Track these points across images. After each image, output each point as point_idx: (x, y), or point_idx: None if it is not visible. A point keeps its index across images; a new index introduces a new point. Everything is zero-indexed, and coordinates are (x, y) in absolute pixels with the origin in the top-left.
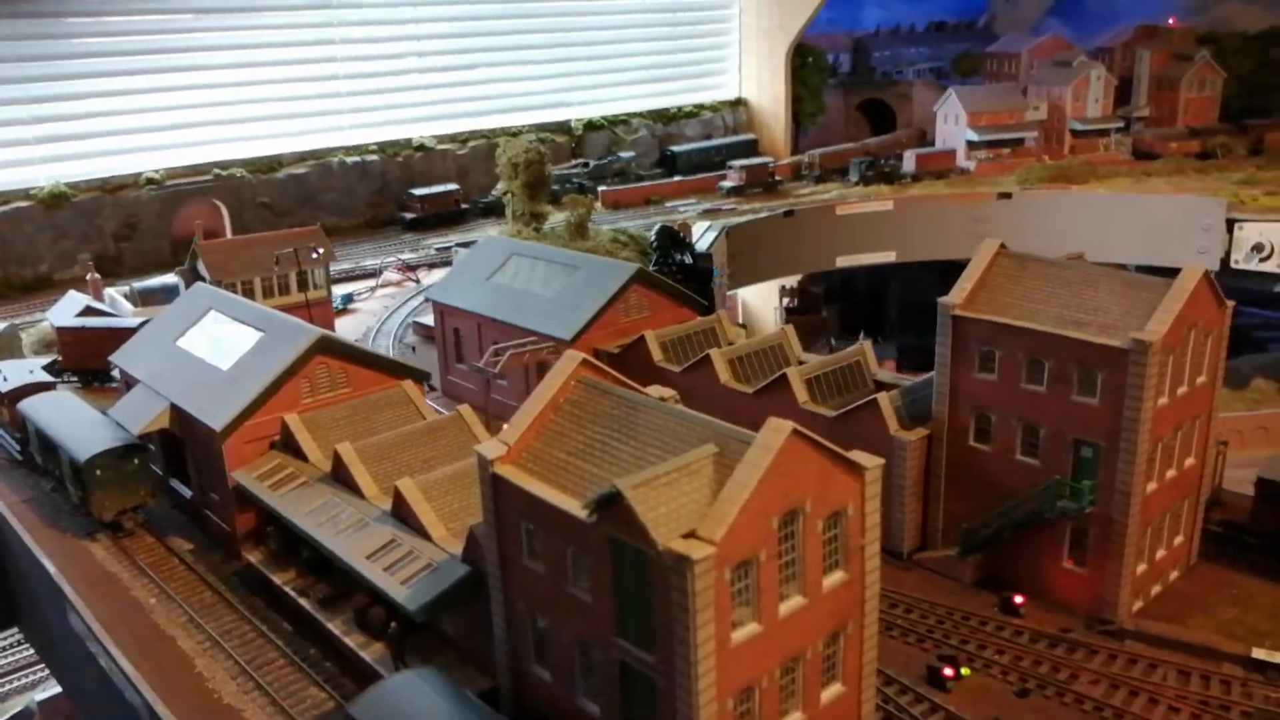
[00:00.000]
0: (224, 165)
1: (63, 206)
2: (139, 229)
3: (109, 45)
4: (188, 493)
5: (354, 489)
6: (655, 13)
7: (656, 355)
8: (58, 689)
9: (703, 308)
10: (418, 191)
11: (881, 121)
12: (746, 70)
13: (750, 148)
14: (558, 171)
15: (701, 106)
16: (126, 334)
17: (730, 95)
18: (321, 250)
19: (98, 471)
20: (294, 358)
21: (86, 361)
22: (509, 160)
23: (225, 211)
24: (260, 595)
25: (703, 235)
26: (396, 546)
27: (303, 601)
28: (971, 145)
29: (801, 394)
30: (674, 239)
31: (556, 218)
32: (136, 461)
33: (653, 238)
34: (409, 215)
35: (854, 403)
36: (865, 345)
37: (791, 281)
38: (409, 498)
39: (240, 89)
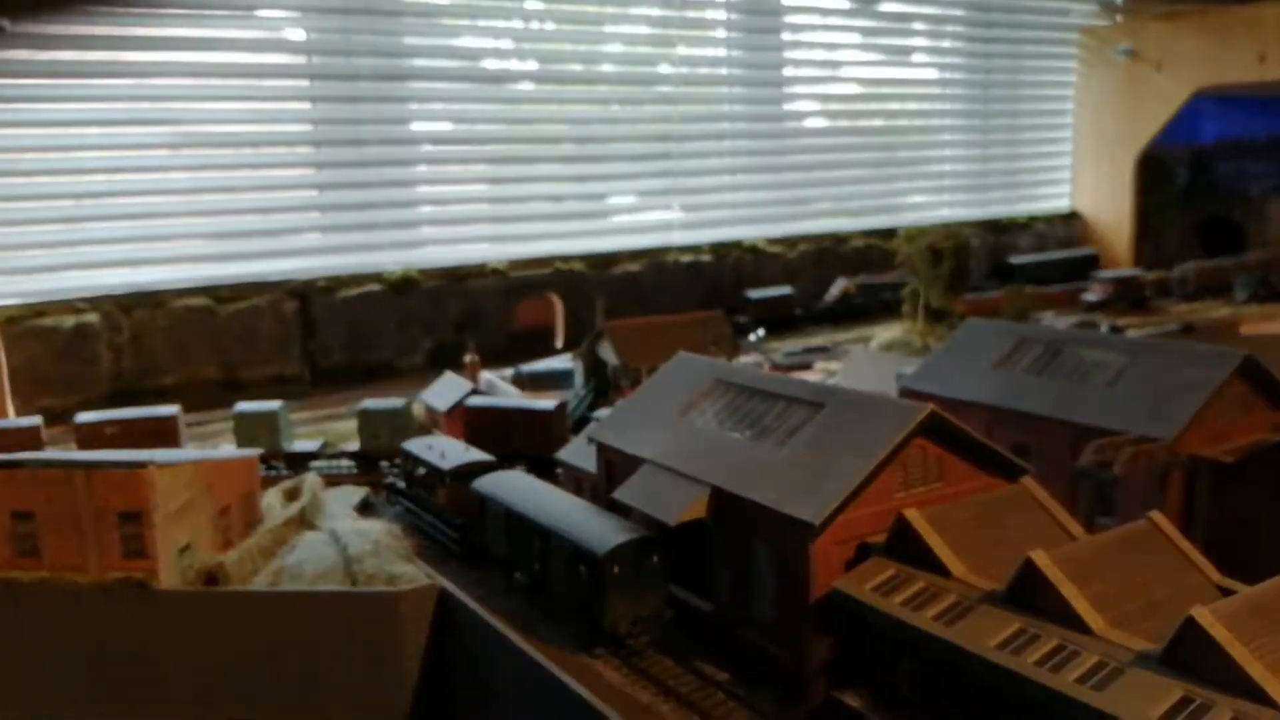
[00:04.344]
0: (565, 259)
1: (411, 293)
2: (481, 320)
3: (459, 133)
4: (705, 605)
5: (1061, 617)
6: (985, 119)
7: None
8: None
9: None
10: (753, 294)
11: (1220, 241)
12: (1082, 181)
13: (1092, 263)
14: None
15: (1034, 218)
16: (543, 416)
17: (1062, 207)
18: (723, 337)
19: (615, 569)
20: (901, 436)
21: (495, 446)
22: (927, 246)
23: (560, 306)
24: None
25: None
26: (1203, 707)
27: None
28: None
29: None
30: None
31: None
32: (655, 560)
33: None
34: (742, 319)
35: None
36: None
37: None
38: (1215, 634)
39: (582, 184)
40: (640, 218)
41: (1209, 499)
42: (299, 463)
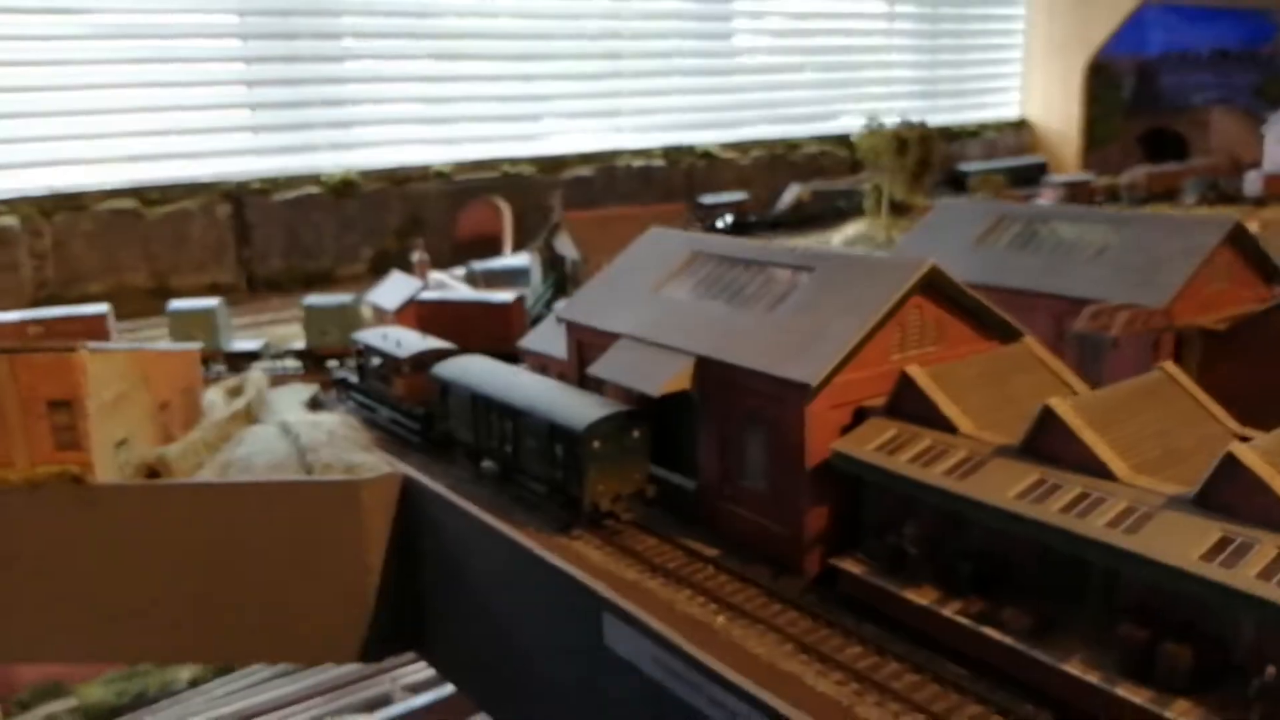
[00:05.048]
0: (512, 162)
1: (351, 196)
2: (425, 226)
3: (398, 26)
4: (687, 482)
5: (1083, 466)
6: (933, 23)
7: None
8: None
9: None
10: (706, 200)
11: (1162, 150)
12: (1031, 89)
13: (1040, 170)
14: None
15: (984, 126)
16: (501, 310)
17: (1011, 115)
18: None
19: (595, 444)
20: (900, 293)
21: (450, 341)
22: (892, 136)
23: (508, 212)
24: (866, 618)
25: None
26: (1245, 546)
27: (990, 632)
28: None
29: None
30: None
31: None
32: (636, 435)
33: None
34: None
35: None
36: None
37: None
38: (1258, 471)
39: (528, 83)
40: (590, 122)
41: (1198, 367)
42: (240, 362)
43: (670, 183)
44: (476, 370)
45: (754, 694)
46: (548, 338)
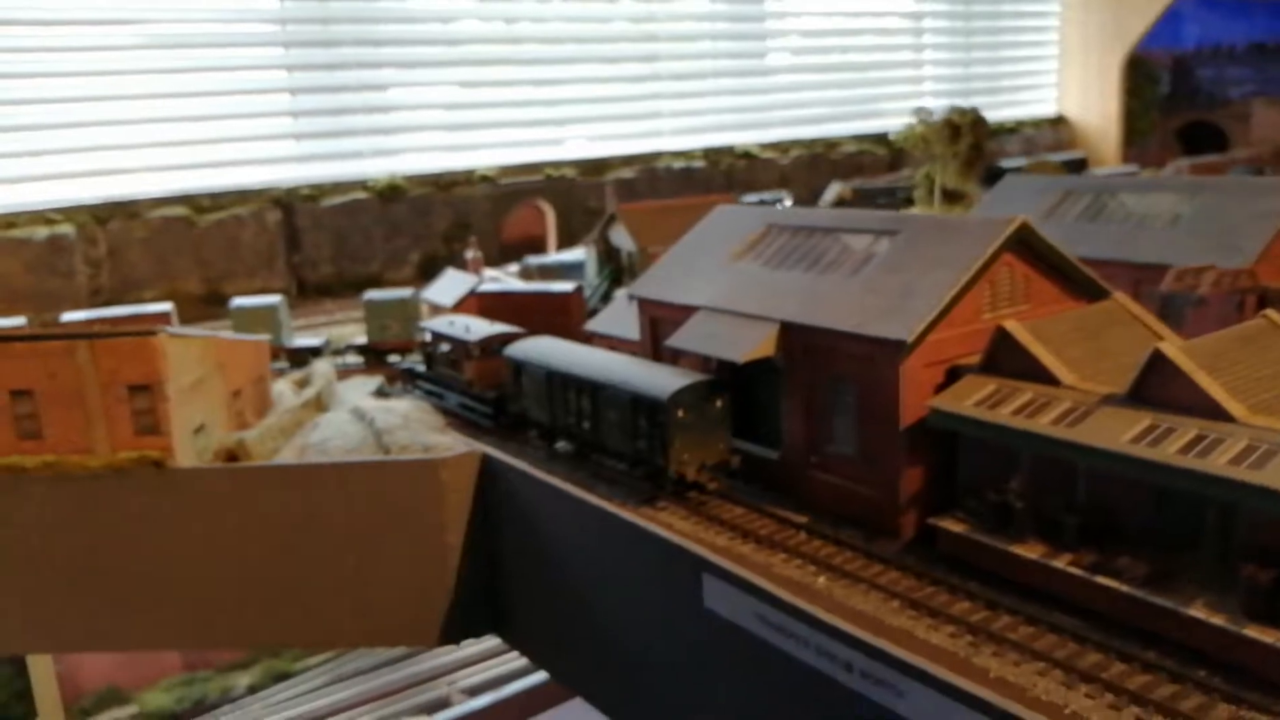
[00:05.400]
0: (555, 165)
1: (398, 201)
2: (471, 230)
3: (436, 33)
4: (771, 453)
5: (1197, 409)
6: (966, 20)
7: None
8: None
9: None
10: (748, 200)
11: (1200, 144)
12: (1069, 84)
13: (1082, 165)
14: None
15: (1021, 123)
16: (562, 299)
17: (1048, 111)
18: None
19: (679, 413)
20: (991, 249)
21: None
22: (945, 121)
23: (551, 214)
24: (970, 577)
25: None
26: None
27: (1106, 581)
28: None
29: None
30: None
31: None
32: (719, 405)
33: None
34: None
35: None
36: None
37: None
38: None
39: (569, 87)
40: (631, 125)
41: None
42: (303, 357)
43: (711, 183)
44: (551, 349)
45: (868, 641)
46: (615, 320)
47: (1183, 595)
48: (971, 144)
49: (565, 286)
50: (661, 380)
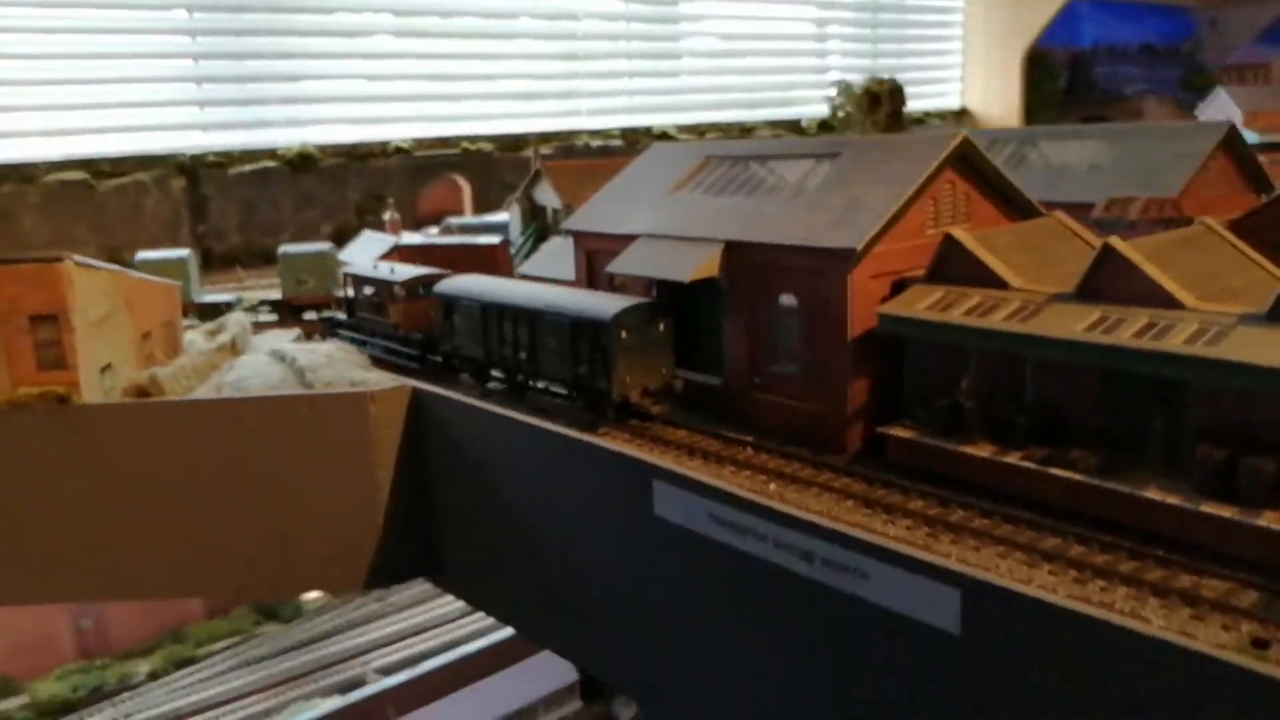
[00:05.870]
0: (472, 139)
1: (309, 171)
2: (385, 203)
3: (360, 2)
4: (713, 379)
5: (1146, 299)
6: (874, 12)
7: None
8: (311, 713)
9: None
10: None
11: None
12: (972, 79)
13: None
14: None
15: (928, 114)
16: (489, 251)
17: (953, 105)
18: None
19: (623, 335)
20: (934, 164)
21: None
22: (864, 90)
23: (468, 189)
24: (920, 481)
25: None
26: None
27: (1059, 472)
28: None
29: None
30: None
31: None
32: (661, 329)
33: None
34: None
35: None
36: None
37: None
38: None
39: (485, 62)
40: (550, 104)
41: None
42: (214, 313)
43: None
44: (483, 284)
45: (830, 526)
46: (546, 264)
47: (1137, 481)
48: (890, 112)
49: (491, 238)
50: (603, 303)
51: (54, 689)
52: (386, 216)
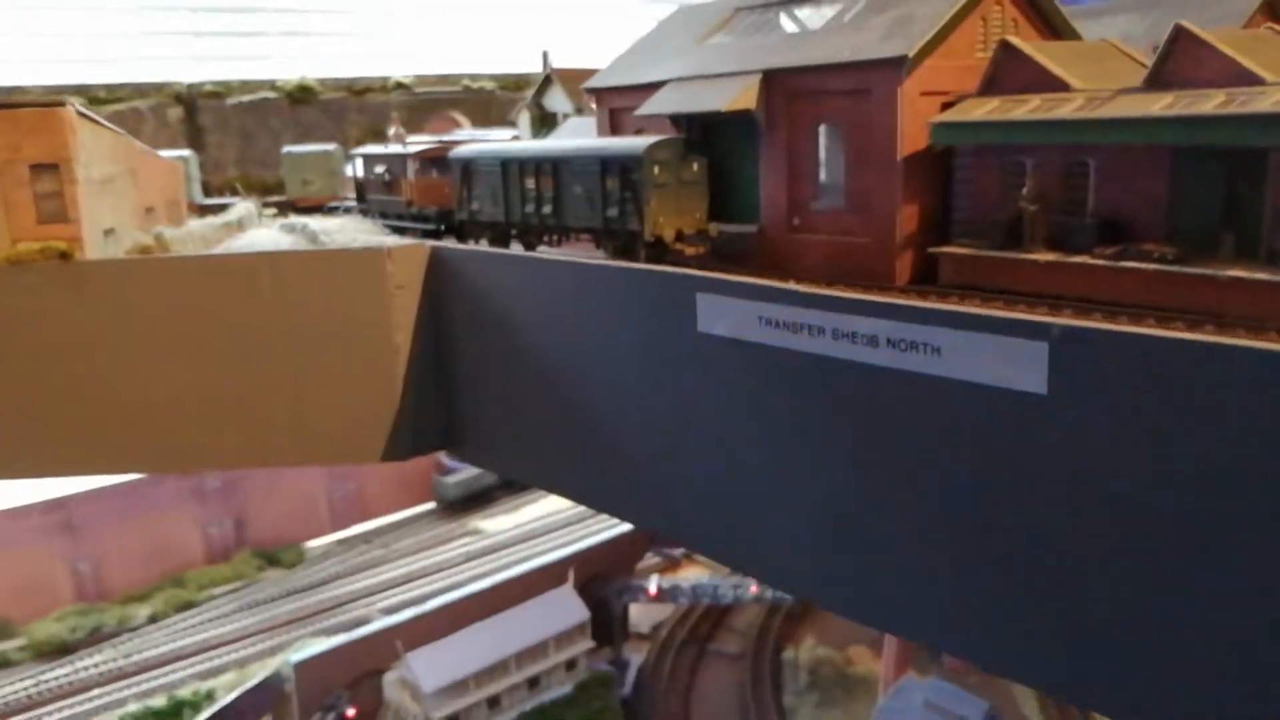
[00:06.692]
0: (473, 77)
1: (309, 103)
2: (384, 138)
3: None
4: (747, 227)
5: (1225, 79)
6: None
7: None
8: (316, 649)
9: None
10: None
11: None
12: None
13: None
14: None
15: None
16: None
17: None
18: None
19: (656, 171)
20: None
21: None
22: None
23: (468, 126)
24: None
25: None
26: None
27: (1133, 264)
28: None
29: None
30: None
31: None
32: (695, 168)
33: None
34: None
35: None
36: None
37: None
38: None
39: None
40: (551, 40)
41: None
42: (215, 214)
43: None
44: (501, 145)
45: (896, 303)
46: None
47: (1218, 264)
48: None
49: (505, 133)
50: (633, 142)
51: (51, 630)
52: (392, 131)
